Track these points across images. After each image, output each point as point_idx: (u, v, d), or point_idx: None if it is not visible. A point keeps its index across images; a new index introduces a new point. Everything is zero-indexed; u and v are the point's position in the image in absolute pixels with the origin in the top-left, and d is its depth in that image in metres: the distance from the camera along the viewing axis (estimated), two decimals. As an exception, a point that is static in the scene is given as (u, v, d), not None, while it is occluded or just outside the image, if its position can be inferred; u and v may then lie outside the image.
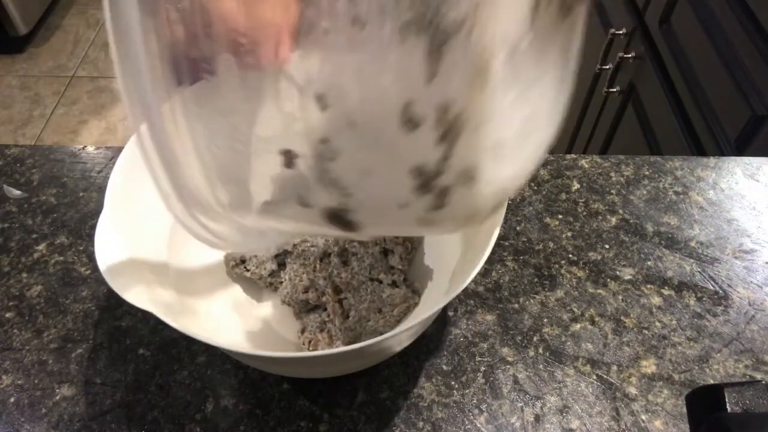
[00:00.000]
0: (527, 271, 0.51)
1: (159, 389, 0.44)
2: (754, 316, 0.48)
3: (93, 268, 0.51)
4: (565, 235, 0.53)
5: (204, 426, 0.42)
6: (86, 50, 2.12)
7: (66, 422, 0.42)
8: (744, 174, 0.58)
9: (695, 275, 0.50)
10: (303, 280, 0.45)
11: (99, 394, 0.44)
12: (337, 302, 0.45)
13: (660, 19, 0.93)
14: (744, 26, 0.74)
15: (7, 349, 0.46)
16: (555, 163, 0.59)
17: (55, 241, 0.53)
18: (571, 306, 0.48)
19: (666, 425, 0.42)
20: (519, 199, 0.56)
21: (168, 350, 0.46)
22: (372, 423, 0.42)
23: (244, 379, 0.44)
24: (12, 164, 0.59)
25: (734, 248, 0.52)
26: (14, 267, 0.51)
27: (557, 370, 0.45)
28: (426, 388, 0.44)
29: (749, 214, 0.55)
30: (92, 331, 0.47)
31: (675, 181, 0.58)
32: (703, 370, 0.45)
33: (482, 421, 0.42)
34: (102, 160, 0.60)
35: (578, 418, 0.42)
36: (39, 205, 0.56)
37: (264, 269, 0.47)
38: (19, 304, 0.49)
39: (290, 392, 0.44)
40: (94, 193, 0.57)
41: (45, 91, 1.97)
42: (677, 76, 0.89)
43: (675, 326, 0.47)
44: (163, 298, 0.39)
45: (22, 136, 1.83)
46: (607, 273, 0.51)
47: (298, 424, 0.42)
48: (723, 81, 0.78)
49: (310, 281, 0.45)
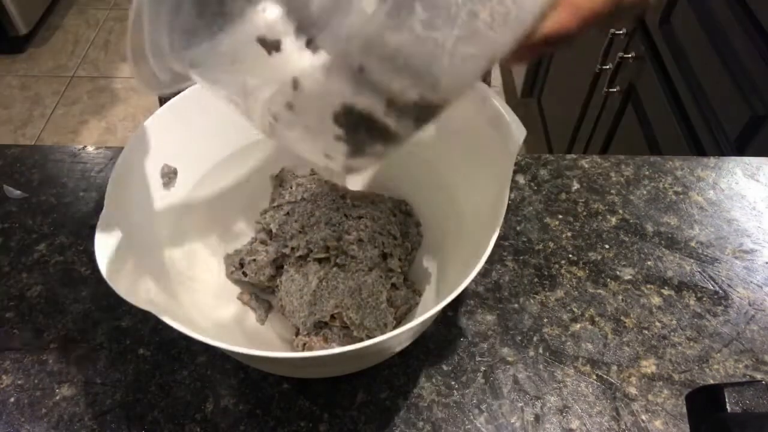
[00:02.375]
0: (527, 271, 0.51)
1: (159, 389, 0.44)
2: (754, 316, 0.48)
3: (93, 268, 0.51)
4: (565, 235, 0.53)
5: (204, 426, 0.42)
6: (86, 50, 2.12)
7: (66, 422, 0.42)
8: (744, 174, 0.58)
9: (695, 275, 0.50)
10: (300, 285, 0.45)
11: (99, 394, 0.44)
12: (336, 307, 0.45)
13: (660, 19, 0.93)
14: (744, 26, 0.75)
15: (7, 349, 0.46)
16: (555, 163, 0.59)
17: (55, 241, 0.53)
18: (571, 306, 0.48)
19: (666, 425, 0.42)
20: (519, 199, 0.56)
21: (168, 350, 0.46)
22: (372, 423, 0.42)
23: (244, 379, 0.44)
24: (12, 164, 0.59)
25: (734, 248, 0.52)
26: (14, 267, 0.51)
27: (557, 370, 0.45)
28: (426, 388, 0.44)
29: (749, 214, 0.55)
30: (92, 331, 0.47)
31: (675, 181, 0.58)
32: (703, 370, 0.45)
33: (482, 421, 0.42)
34: (102, 160, 0.60)
35: (578, 418, 0.42)
36: (39, 205, 0.56)
37: (262, 275, 0.47)
38: (19, 304, 0.49)
39: (290, 392, 0.44)
40: (94, 193, 0.57)
41: (45, 91, 1.97)
42: (677, 76, 0.89)
43: (675, 326, 0.47)
44: (163, 298, 0.39)
45: (22, 136, 1.83)
46: (607, 273, 0.51)
47: (298, 424, 0.42)
48: (723, 81, 0.78)
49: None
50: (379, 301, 0.44)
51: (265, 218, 0.50)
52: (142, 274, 0.38)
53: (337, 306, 0.43)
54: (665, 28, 0.93)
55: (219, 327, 0.44)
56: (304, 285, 0.45)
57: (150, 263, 0.41)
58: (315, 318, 0.44)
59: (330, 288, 0.44)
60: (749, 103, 0.73)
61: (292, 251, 0.46)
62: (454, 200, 0.47)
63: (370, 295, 0.44)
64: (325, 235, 0.46)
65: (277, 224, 0.48)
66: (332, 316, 0.44)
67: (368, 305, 0.44)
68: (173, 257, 0.44)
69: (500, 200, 0.38)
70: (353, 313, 0.43)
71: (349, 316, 0.43)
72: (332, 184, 0.51)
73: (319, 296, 0.44)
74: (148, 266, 0.40)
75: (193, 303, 0.44)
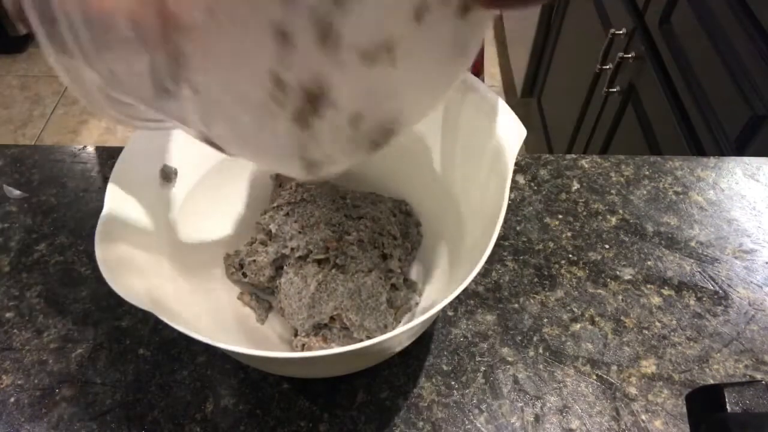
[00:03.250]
0: (527, 271, 0.51)
1: (159, 389, 0.44)
2: (754, 316, 0.48)
3: (93, 268, 0.51)
4: (565, 235, 0.53)
5: (204, 426, 0.42)
6: (86, 50, 2.11)
7: (66, 422, 0.42)
8: (744, 174, 0.58)
9: (695, 275, 0.50)
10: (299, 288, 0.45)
11: (99, 394, 0.44)
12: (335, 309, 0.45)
13: (660, 19, 0.93)
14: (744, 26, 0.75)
15: (7, 349, 0.46)
16: (555, 163, 0.59)
17: (55, 241, 0.53)
18: (571, 306, 0.48)
19: (666, 425, 0.42)
20: (519, 199, 0.56)
21: (168, 350, 0.46)
22: (372, 423, 0.42)
23: (244, 379, 0.44)
24: (12, 164, 0.59)
25: (734, 248, 0.52)
26: (14, 267, 0.51)
27: (557, 370, 0.45)
28: (426, 388, 0.44)
29: (749, 214, 0.55)
30: (92, 331, 0.47)
31: (675, 181, 0.58)
32: (703, 370, 0.45)
33: (482, 421, 0.42)
34: (102, 160, 0.60)
35: (578, 418, 0.42)
36: (39, 205, 0.56)
37: (262, 276, 0.47)
38: (19, 304, 0.49)
39: (290, 392, 0.44)
40: (94, 193, 0.57)
41: (45, 91, 1.98)
42: (677, 76, 0.89)
43: (675, 326, 0.47)
44: (163, 298, 0.39)
45: (22, 136, 1.83)
46: (607, 273, 0.51)
47: (298, 424, 0.42)
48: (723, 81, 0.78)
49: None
50: (379, 303, 0.44)
51: (264, 219, 0.50)
52: (142, 275, 0.38)
53: (336, 308, 0.43)
54: (665, 28, 0.93)
55: (219, 327, 0.44)
56: (302, 288, 0.45)
57: (150, 263, 0.41)
58: (314, 321, 0.44)
59: (329, 291, 0.44)
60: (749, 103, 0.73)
61: (291, 252, 0.46)
62: (454, 200, 0.47)
63: (369, 296, 0.44)
64: (325, 235, 0.46)
65: (276, 225, 0.48)
66: (332, 317, 0.44)
67: (368, 307, 0.44)
68: (173, 257, 0.44)
69: (500, 200, 0.38)
70: (353, 314, 0.43)
71: (349, 318, 0.43)
72: (332, 185, 0.51)
73: (317, 299, 0.44)
74: (148, 266, 0.40)
75: (194, 303, 0.44)
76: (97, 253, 0.35)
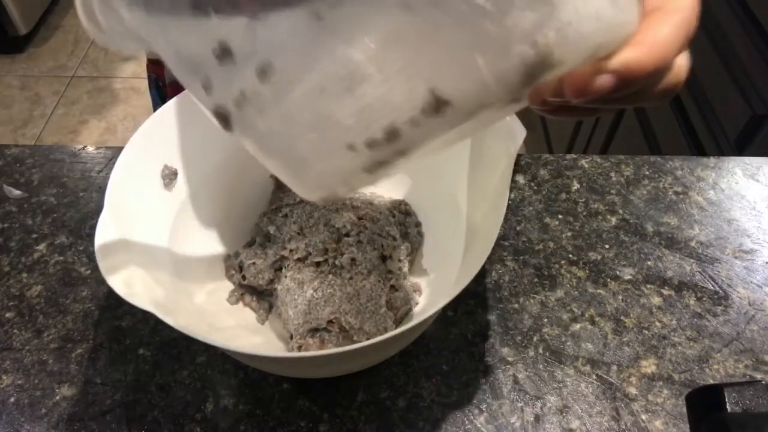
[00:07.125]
0: (527, 271, 0.51)
1: (159, 389, 0.44)
2: (754, 316, 0.48)
3: (93, 268, 0.51)
4: (565, 235, 0.53)
5: (204, 426, 0.42)
6: (86, 50, 2.12)
7: (66, 422, 0.42)
8: (744, 174, 0.58)
9: (695, 275, 0.50)
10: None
11: (99, 394, 0.44)
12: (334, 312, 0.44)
13: (660, 19, 0.93)
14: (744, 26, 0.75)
15: (7, 349, 0.46)
16: (555, 163, 0.59)
17: (55, 241, 0.53)
18: (571, 306, 0.48)
19: (666, 425, 0.42)
20: (519, 199, 0.56)
21: (168, 350, 0.46)
22: (372, 423, 0.42)
23: (244, 379, 0.44)
24: (12, 164, 0.59)
25: (734, 248, 0.52)
26: (14, 267, 0.51)
27: (557, 370, 0.45)
28: (426, 388, 0.44)
29: (749, 214, 0.55)
30: (92, 331, 0.47)
31: (675, 181, 0.58)
32: (703, 370, 0.45)
33: (482, 421, 0.42)
34: (102, 160, 0.60)
35: (578, 418, 0.42)
36: (39, 205, 0.56)
37: (261, 278, 0.47)
38: (19, 304, 0.49)
39: (290, 392, 0.44)
40: (94, 193, 0.57)
41: (45, 91, 1.98)
42: (677, 76, 0.89)
43: (675, 326, 0.47)
44: (163, 298, 0.39)
45: (22, 136, 1.83)
46: (607, 273, 0.51)
47: (298, 424, 0.42)
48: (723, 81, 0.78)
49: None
50: (379, 305, 0.44)
51: (263, 221, 0.49)
52: (142, 275, 0.38)
53: (333, 313, 0.43)
54: (665, 28, 0.93)
55: (219, 327, 0.44)
56: (298, 294, 0.44)
57: (150, 263, 0.41)
58: (310, 326, 0.43)
59: (326, 296, 0.44)
60: (749, 103, 0.73)
61: (290, 254, 0.46)
62: (454, 200, 0.47)
63: (369, 299, 0.44)
64: (324, 237, 0.46)
65: (275, 227, 0.48)
66: (330, 321, 0.43)
67: (367, 310, 0.44)
68: (173, 258, 0.44)
69: (500, 200, 0.38)
70: (352, 318, 0.43)
71: (348, 321, 0.43)
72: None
73: (314, 305, 0.43)
74: (148, 266, 0.40)
75: (193, 303, 0.44)
76: (97, 253, 0.35)
